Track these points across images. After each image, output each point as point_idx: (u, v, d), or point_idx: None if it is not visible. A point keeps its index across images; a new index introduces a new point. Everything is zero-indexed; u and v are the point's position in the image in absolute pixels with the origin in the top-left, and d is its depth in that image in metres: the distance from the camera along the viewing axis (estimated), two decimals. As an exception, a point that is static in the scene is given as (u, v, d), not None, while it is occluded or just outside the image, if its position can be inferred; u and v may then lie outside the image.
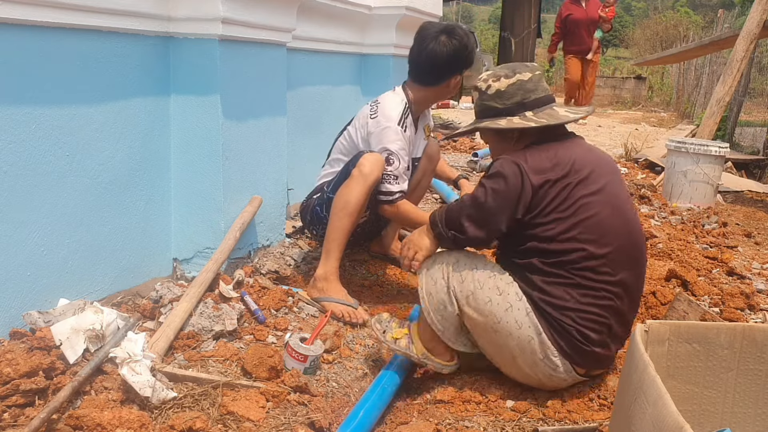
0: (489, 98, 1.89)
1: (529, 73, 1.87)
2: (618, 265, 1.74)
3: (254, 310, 2.16)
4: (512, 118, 1.85)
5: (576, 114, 1.90)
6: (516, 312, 1.75)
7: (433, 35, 2.45)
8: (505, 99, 1.86)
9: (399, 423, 1.80)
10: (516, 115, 1.85)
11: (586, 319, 1.72)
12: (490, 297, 1.77)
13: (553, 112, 1.86)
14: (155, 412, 1.59)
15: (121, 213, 2.21)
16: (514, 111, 1.85)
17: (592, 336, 1.73)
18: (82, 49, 1.99)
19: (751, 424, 1.39)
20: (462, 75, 2.55)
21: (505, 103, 1.86)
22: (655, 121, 11.65)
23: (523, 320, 1.74)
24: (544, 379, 1.79)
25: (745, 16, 6.48)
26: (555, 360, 1.75)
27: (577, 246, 1.71)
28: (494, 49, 16.06)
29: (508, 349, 1.79)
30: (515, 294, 1.76)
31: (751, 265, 2.95)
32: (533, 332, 1.74)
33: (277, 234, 2.78)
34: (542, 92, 1.87)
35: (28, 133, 1.85)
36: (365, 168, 2.32)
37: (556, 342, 1.74)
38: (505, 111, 1.86)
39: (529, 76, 1.86)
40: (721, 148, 4.33)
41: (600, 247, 1.72)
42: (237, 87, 2.40)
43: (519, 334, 1.75)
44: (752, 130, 7.93)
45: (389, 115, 2.46)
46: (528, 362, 1.78)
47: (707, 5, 37.44)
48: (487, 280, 1.78)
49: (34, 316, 1.81)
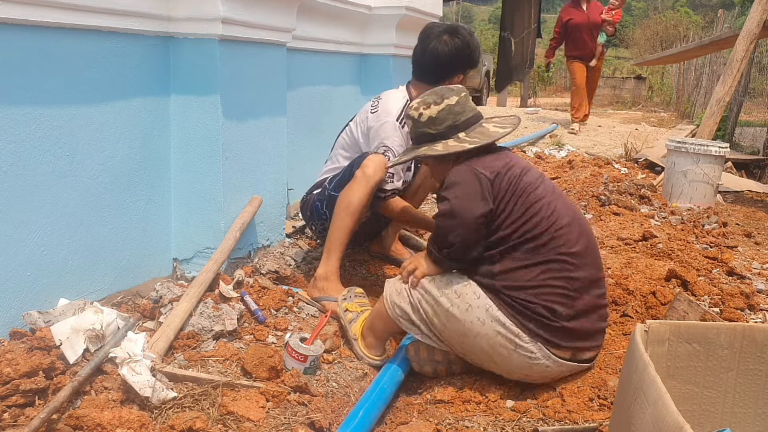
0: (422, 125, 2.00)
1: (455, 96, 1.99)
2: (573, 237, 1.82)
3: (254, 310, 2.16)
4: (447, 141, 1.97)
5: (504, 128, 2.02)
6: (476, 310, 1.80)
7: (437, 34, 2.47)
8: (437, 124, 1.98)
9: (399, 423, 1.80)
10: (450, 137, 1.97)
11: (549, 293, 1.76)
12: (451, 302, 1.83)
13: (483, 130, 1.99)
14: (155, 412, 1.59)
15: (121, 213, 2.21)
16: (447, 134, 1.97)
17: (558, 309, 1.76)
18: (82, 49, 1.99)
19: (751, 424, 1.39)
20: (465, 75, 2.55)
21: (438, 128, 1.98)
22: (655, 121, 11.65)
23: (484, 317, 1.78)
24: (527, 370, 1.80)
25: (745, 16, 6.48)
26: (527, 346, 1.76)
27: (533, 225, 1.80)
28: (494, 49, 16.05)
29: (481, 349, 1.82)
30: (473, 293, 1.82)
31: (751, 265, 2.95)
32: (497, 325, 1.77)
33: (277, 234, 2.78)
34: (470, 112, 2.00)
35: (28, 133, 1.85)
36: (369, 170, 2.33)
37: (524, 326, 1.76)
38: (439, 135, 1.98)
39: (456, 100, 1.98)
40: (721, 148, 4.32)
41: (553, 223, 1.81)
42: (237, 87, 2.40)
43: (485, 331, 1.78)
44: (752, 130, 7.93)
45: (389, 110, 2.47)
46: (503, 357, 1.80)
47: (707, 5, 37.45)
48: (448, 285, 1.85)
49: (34, 316, 1.81)
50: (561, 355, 1.78)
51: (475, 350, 1.84)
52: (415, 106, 2.02)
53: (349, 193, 2.36)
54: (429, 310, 1.87)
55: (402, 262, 2.84)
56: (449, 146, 1.95)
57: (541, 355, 1.77)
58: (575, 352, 1.81)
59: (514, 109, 11.02)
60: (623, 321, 2.28)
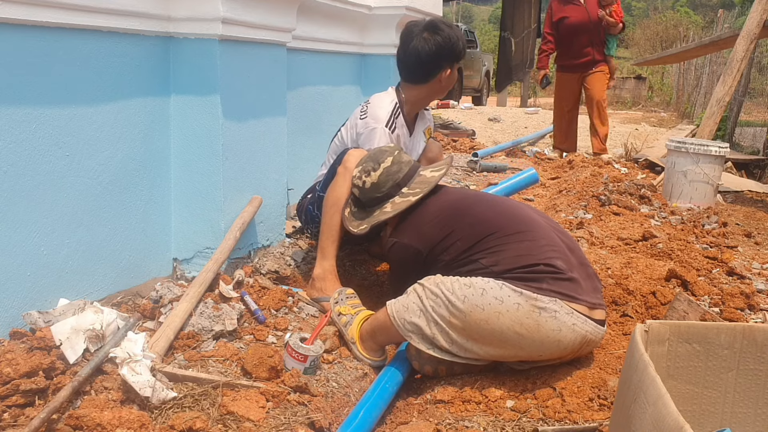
0: (368, 191, 2.22)
1: (389, 157, 2.21)
2: (512, 222, 2.00)
3: (254, 310, 2.16)
4: (394, 199, 2.19)
5: (439, 170, 2.23)
6: (491, 291, 1.82)
7: (416, 33, 2.47)
8: (381, 188, 2.20)
9: (399, 423, 1.80)
10: (395, 195, 2.19)
11: (539, 253, 1.88)
12: (464, 294, 1.84)
13: (422, 179, 2.21)
14: (155, 412, 1.59)
15: (121, 213, 2.21)
16: (392, 194, 2.20)
17: (557, 263, 1.86)
18: (82, 49, 1.99)
19: (751, 424, 1.39)
20: (452, 68, 2.53)
21: (382, 190, 2.20)
22: (655, 121, 11.66)
23: (500, 294, 1.81)
24: (557, 335, 1.79)
25: (745, 16, 6.49)
26: (549, 305, 1.78)
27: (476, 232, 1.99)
28: (494, 49, 16.05)
29: (507, 329, 1.79)
30: (481, 280, 1.85)
31: (751, 265, 2.95)
32: (515, 296, 1.79)
33: (277, 234, 2.78)
34: (406, 167, 2.21)
35: (28, 133, 1.85)
36: (350, 164, 2.34)
37: (538, 288, 1.80)
38: (386, 197, 2.20)
39: (390, 160, 2.20)
40: (721, 148, 4.32)
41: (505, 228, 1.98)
42: (237, 87, 2.40)
43: (506, 307, 1.79)
44: (752, 130, 7.94)
45: (378, 115, 2.46)
46: (531, 329, 1.78)
47: (707, 5, 37.46)
48: (455, 283, 1.88)
49: (34, 316, 1.81)
50: (579, 310, 1.82)
51: (501, 336, 1.81)
52: (357, 175, 2.24)
53: (334, 190, 2.36)
54: (445, 313, 1.85)
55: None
56: (396, 204, 2.17)
57: (564, 311, 1.79)
58: (589, 308, 1.85)
59: (514, 109, 11.02)
60: (623, 321, 2.28)
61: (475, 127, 7.65)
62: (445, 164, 2.28)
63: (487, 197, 2.25)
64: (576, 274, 1.89)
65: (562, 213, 3.76)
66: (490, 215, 2.05)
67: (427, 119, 2.78)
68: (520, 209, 2.12)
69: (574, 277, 1.86)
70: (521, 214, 2.07)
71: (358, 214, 2.31)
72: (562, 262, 1.88)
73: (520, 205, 2.15)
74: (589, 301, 1.86)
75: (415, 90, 2.55)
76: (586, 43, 5.87)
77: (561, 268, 1.86)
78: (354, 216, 2.31)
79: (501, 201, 2.20)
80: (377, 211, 2.21)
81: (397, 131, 2.50)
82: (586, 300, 1.85)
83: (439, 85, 2.53)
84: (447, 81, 2.53)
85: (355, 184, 2.25)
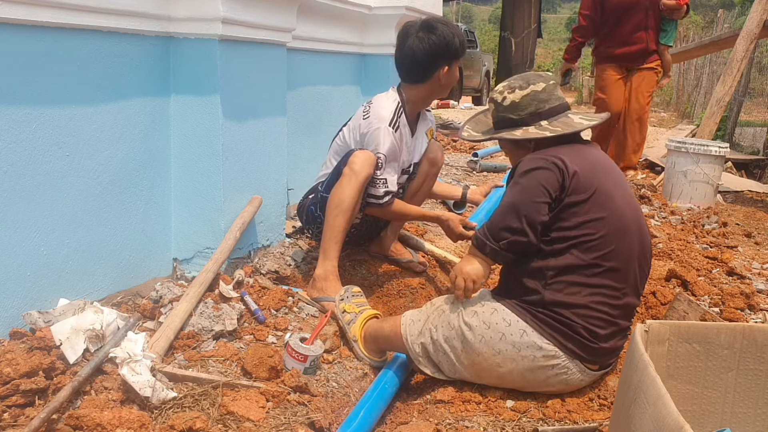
0: (504, 110, 1.95)
1: (543, 83, 1.93)
2: (626, 259, 1.77)
3: (254, 310, 2.16)
4: (528, 128, 1.92)
5: (591, 120, 1.96)
6: (509, 338, 1.76)
7: (412, 33, 2.47)
8: (520, 110, 1.92)
9: (399, 423, 1.80)
10: (531, 124, 1.92)
11: (594, 317, 1.73)
12: (482, 334, 1.79)
13: (567, 120, 1.92)
14: (155, 412, 1.59)
15: (121, 213, 2.21)
16: (529, 121, 1.92)
17: (599, 333, 1.74)
18: (82, 49, 1.99)
19: (751, 424, 1.39)
20: (451, 66, 2.52)
21: (520, 114, 1.93)
22: (655, 121, 11.65)
23: (519, 342, 1.75)
24: (563, 387, 1.80)
25: (745, 16, 6.49)
26: (565, 364, 1.75)
27: (594, 229, 1.74)
28: (494, 49, 16.05)
29: (516, 375, 1.80)
30: (503, 321, 1.78)
31: (751, 265, 2.95)
32: (534, 350, 1.74)
33: (277, 234, 2.78)
34: (556, 101, 1.93)
35: (28, 133, 1.85)
36: (356, 166, 2.33)
37: (563, 345, 1.73)
38: (521, 121, 1.93)
39: (543, 86, 1.92)
40: (721, 148, 4.33)
41: (615, 238, 1.75)
42: (237, 87, 2.40)
43: (521, 358, 1.76)
44: (752, 130, 7.94)
45: (381, 115, 2.46)
46: (539, 381, 1.78)
47: (707, 5, 37.44)
48: (473, 318, 1.81)
49: (34, 316, 1.81)
50: (593, 369, 1.80)
51: (509, 376, 1.81)
52: (500, 89, 1.98)
53: (339, 191, 2.36)
54: (458, 346, 1.83)
55: (401, 262, 2.86)
56: (529, 132, 1.91)
57: (577, 370, 1.77)
58: (601, 366, 1.84)
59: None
60: (623, 321, 2.28)
61: (475, 127, 7.64)
62: (599, 117, 2.04)
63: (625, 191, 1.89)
64: (609, 342, 1.78)
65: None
66: (620, 224, 1.78)
67: (429, 120, 2.78)
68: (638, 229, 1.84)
69: (605, 348, 1.77)
70: (632, 242, 1.80)
71: (483, 125, 2.10)
72: (605, 331, 1.75)
73: (640, 221, 1.88)
74: (605, 362, 1.84)
75: (415, 90, 2.55)
76: (639, 25, 4.42)
77: (598, 337, 1.74)
78: (477, 125, 2.12)
79: (632, 206, 1.88)
80: (505, 131, 1.96)
81: (401, 130, 2.50)
82: (602, 361, 1.83)
83: (438, 83, 2.52)
84: (446, 79, 2.53)
85: (494, 99, 2.00)
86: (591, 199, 1.75)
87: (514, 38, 9.52)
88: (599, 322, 1.74)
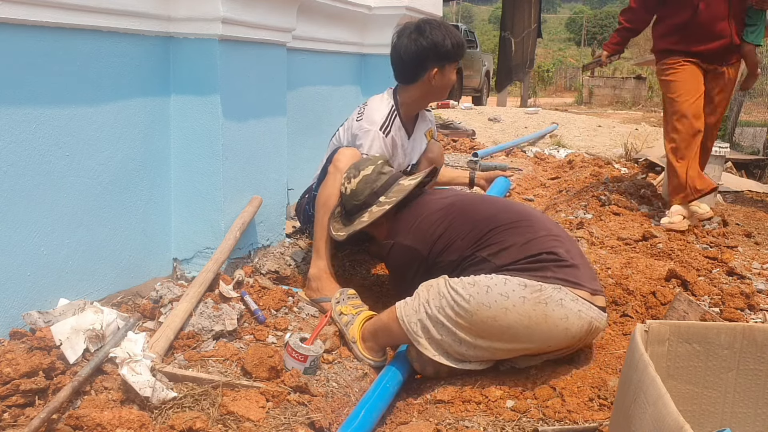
0: (348, 199, 2.28)
1: (371, 166, 2.26)
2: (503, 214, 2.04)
3: (254, 310, 2.16)
4: (371, 208, 2.23)
5: (415, 179, 2.26)
6: (495, 288, 1.82)
7: (406, 34, 2.49)
8: (359, 195, 2.25)
9: (399, 423, 1.80)
10: (373, 204, 2.23)
11: (541, 244, 1.92)
12: (469, 293, 1.84)
13: (400, 187, 2.24)
14: (155, 412, 1.59)
15: (121, 213, 2.21)
16: (370, 202, 2.24)
17: (558, 251, 1.89)
18: (82, 49, 1.99)
19: (751, 424, 1.39)
20: (441, 69, 2.50)
21: (360, 198, 2.25)
22: (655, 121, 11.65)
23: (505, 289, 1.81)
24: (565, 323, 1.80)
25: None
26: (554, 294, 1.79)
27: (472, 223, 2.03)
28: (494, 49, 16.05)
29: (516, 324, 1.80)
30: (485, 277, 1.86)
31: (751, 265, 2.95)
32: (520, 290, 1.80)
33: (277, 234, 2.78)
34: (386, 176, 2.26)
35: (28, 133, 1.85)
36: (340, 163, 2.35)
37: (542, 277, 1.83)
38: (364, 205, 2.25)
39: (371, 169, 2.25)
40: (721, 148, 4.32)
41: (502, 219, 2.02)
42: (237, 87, 2.40)
43: (512, 302, 1.79)
44: (752, 130, 7.93)
45: (373, 118, 2.47)
46: (540, 321, 1.79)
47: None
48: (458, 283, 1.88)
49: (34, 316, 1.81)
50: (583, 296, 1.84)
51: (510, 331, 1.81)
52: (342, 182, 2.30)
53: (325, 189, 2.37)
54: (451, 314, 1.85)
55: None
56: (373, 213, 2.22)
57: (569, 298, 1.80)
58: (591, 294, 1.87)
59: (514, 109, 11.02)
60: (623, 321, 2.28)
61: (475, 127, 7.63)
62: (423, 173, 2.33)
63: (482, 197, 2.31)
64: (578, 261, 1.92)
65: (562, 213, 3.76)
66: (488, 211, 2.08)
67: (428, 121, 2.78)
68: (515, 205, 2.18)
69: (576, 264, 1.89)
70: (518, 209, 2.12)
71: (343, 219, 2.35)
72: (564, 249, 1.92)
73: (515, 202, 2.23)
74: (591, 287, 1.88)
75: (408, 91, 2.56)
76: (723, 15, 3.33)
77: (563, 255, 1.89)
78: (340, 221, 2.35)
79: (497, 199, 2.26)
80: (356, 219, 2.25)
81: (393, 134, 2.50)
82: (588, 286, 1.87)
83: (429, 85, 2.52)
84: (438, 81, 2.51)
85: (341, 192, 2.31)
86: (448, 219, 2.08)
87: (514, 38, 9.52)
88: (548, 243, 1.92)
